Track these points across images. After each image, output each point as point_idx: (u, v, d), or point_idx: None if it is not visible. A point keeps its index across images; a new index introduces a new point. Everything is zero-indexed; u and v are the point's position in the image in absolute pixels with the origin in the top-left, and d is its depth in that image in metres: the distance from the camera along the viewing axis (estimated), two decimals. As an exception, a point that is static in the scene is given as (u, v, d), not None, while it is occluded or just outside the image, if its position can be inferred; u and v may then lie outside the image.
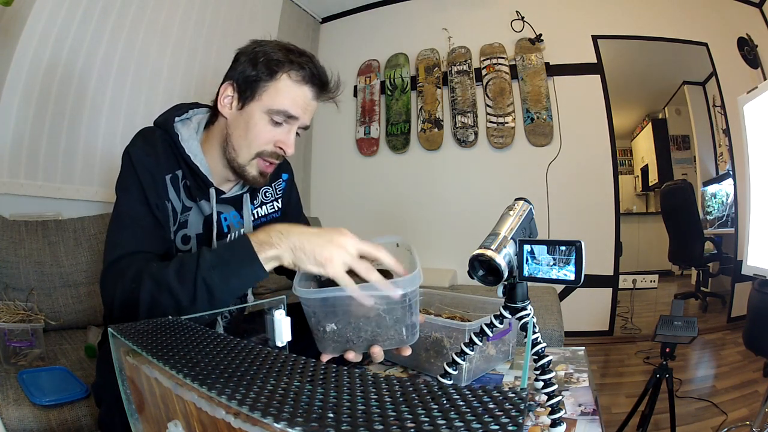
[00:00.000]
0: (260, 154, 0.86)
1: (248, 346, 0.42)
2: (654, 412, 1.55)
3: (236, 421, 0.31)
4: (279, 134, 0.85)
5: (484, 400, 0.29)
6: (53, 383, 1.18)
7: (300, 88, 0.83)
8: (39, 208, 1.75)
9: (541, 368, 0.68)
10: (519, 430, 0.25)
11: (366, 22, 3.47)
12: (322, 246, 0.66)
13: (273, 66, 0.82)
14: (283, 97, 0.82)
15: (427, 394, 0.31)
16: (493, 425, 0.25)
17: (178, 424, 0.39)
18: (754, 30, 2.83)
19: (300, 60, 0.83)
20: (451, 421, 0.26)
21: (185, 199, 0.88)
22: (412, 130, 3.24)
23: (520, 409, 0.28)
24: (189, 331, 0.47)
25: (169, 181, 0.84)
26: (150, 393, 0.42)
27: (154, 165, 0.83)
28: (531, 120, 2.95)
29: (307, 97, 0.85)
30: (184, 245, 0.89)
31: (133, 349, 0.42)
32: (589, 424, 0.70)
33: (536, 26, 2.97)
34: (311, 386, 0.33)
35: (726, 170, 3.18)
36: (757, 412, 1.59)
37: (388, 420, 0.26)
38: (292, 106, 0.83)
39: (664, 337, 1.53)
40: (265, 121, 0.83)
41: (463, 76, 3.10)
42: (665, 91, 4.06)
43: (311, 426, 0.26)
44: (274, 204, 1.04)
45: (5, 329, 1.30)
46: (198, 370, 0.36)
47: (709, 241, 3.35)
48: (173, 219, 0.86)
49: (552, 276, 0.61)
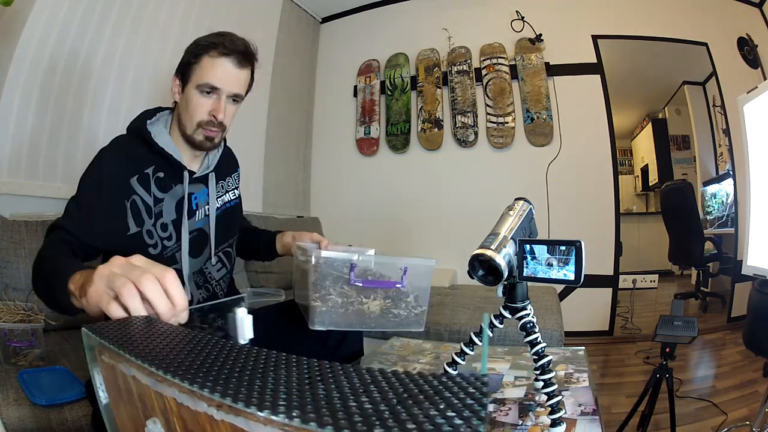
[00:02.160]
0: (200, 123, 1.02)
1: (221, 342, 0.43)
2: (654, 412, 1.55)
3: (219, 413, 0.31)
4: (211, 104, 1.01)
5: (445, 395, 0.30)
6: (53, 383, 1.18)
7: (219, 61, 0.98)
8: (39, 208, 1.75)
9: (541, 368, 0.68)
10: (483, 423, 0.25)
11: (366, 22, 3.47)
12: None
13: (197, 51, 0.99)
14: (206, 73, 0.98)
15: (397, 383, 0.32)
16: (456, 420, 0.26)
17: (156, 421, 0.39)
18: (754, 30, 2.83)
19: (217, 39, 0.98)
20: (416, 416, 0.27)
21: (157, 192, 1.01)
22: (412, 130, 3.24)
23: (483, 403, 0.28)
24: (163, 329, 0.47)
25: (136, 182, 0.97)
26: (126, 392, 0.42)
27: (121, 168, 0.96)
28: (531, 120, 2.95)
29: (227, 68, 0.99)
30: (164, 232, 1.02)
31: (109, 347, 0.42)
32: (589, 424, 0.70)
33: (536, 26, 2.97)
34: (286, 377, 0.34)
35: (726, 170, 3.18)
36: (757, 412, 1.59)
37: (367, 412, 0.28)
38: (214, 78, 0.98)
39: (664, 337, 1.53)
40: (198, 95, 1.00)
41: (463, 76, 3.10)
42: (665, 91, 4.06)
43: (293, 413, 0.27)
44: (234, 191, 1.20)
45: (5, 329, 1.30)
46: (177, 365, 0.36)
47: (709, 241, 3.35)
48: (147, 213, 0.99)
49: (552, 276, 0.61)
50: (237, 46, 0.99)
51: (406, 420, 0.26)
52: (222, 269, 1.15)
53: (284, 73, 3.14)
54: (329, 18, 3.59)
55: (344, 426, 0.25)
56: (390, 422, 0.26)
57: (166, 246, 1.02)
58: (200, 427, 0.34)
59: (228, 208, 1.16)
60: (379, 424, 0.26)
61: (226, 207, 1.16)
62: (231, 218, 1.17)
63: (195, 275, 1.09)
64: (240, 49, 0.99)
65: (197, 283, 1.09)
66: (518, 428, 0.70)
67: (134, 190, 0.97)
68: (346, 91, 3.45)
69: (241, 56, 0.99)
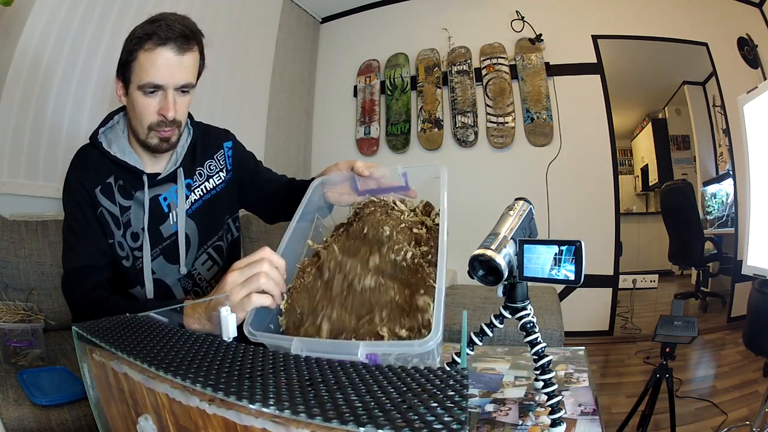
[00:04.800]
0: (150, 126, 0.91)
1: (209, 339, 0.44)
2: (654, 412, 1.55)
3: (211, 407, 0.32)
4: (157, 103, 0.89)
5: (428, 387, 0.31)
6: (53, 383, 1.19)
7: (156, 54, 0.85)
8: (39, 208, 1.75)
9: (541, 368, 0.68)
10: (464, 423, 0.26)
11: (366, 22, 3.47)
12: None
13: (132, 47, 0.87)
14: (145, 71, 0.86)
15: (382, 378, 0.33)
16: (439, 410, 0.27)
17: (148, 418, 0.39)
18: (754, 30, 2.83)
19: (151, 28, 0.85)
20: (404, 413, 0.27)
21: (122, 201, 0.94)
22: (412, 130, 3.24)
23: (463, 394, 0.29)
24: (152, 327, 0.48)
25: (99, 193, 0.92)
26: (117, 390, 0.43)
27: (84, 181, 0.92)
28: (531, 120, 2.95)
29: (167, 60, 0.86)
30: (135, 242, 0.95)
31: (100, 345, 0.42)
32: (589, 424, 0.70)
33: (536, 26, 2.97)
34: (274, 372, 0.35)
35: (726, 170, 3.17)
36: (757, 412, 1.59)
37: (354, 402, 0.29)
38: (155, 75, 0.86)
39: (664, 337, 1.53)
40: (142, 96, 0.88)
41: (463, 76, 3.10)
42: (665, 91, 4.06)
43: (283, 404, 0.28)
44: (220, 174, 1.06)
45: (5, 329, 1.30)
46: (168, 361, 0.37)
47: (709, 241, 3.35)
48: (115, 223, 0.93)
49: (552, 276, 0.61)
50: (173, 30, 0.85)
51: (391, 410, 0.27)
52: (213, 267, 1.06)
53: (284, 73, 3.14)
54: (329, 18, 3.59)
55: (332, 416, 0.26)
56: (376, 412, 0.27)
57: (137, 257, 0.95)
58: (192, 421, 0.34)
59: (213, 196, 1.04)
60: (365, 414, 0.26)
61: (210, 195, 1.04)
62: (218, 207, 1.06)
63: (182, 280, 1.01)
64: (178, 33, 0.86)
65: (185, 288, 1.02)
66: (518, 428, 0.70)
67: (100, 201, 0.92)
68: (346, 91, 3.45)
69: (181, 41, 0.86)
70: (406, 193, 0.86)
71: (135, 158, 0.96)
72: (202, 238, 1.03)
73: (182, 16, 0.89)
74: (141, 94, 0.88)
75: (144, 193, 0.95)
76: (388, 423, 0.25)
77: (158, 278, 0.98)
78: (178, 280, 1.01)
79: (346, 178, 0.90)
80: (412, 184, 0.85)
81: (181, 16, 0.89)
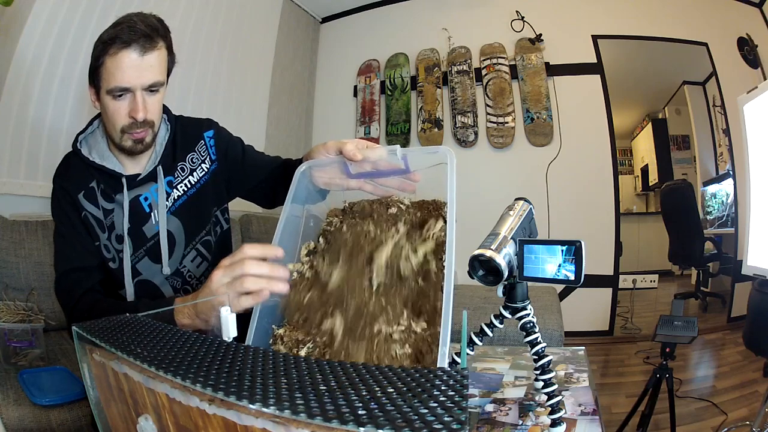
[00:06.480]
0: (123, 129, 0.91)
1: (209, 339, 0.44)
2: (654, 412, 1.56)
3: (211, 407, 0.32)
4: (127, 106, 0.90)
5: (427, 387, 0.31)
6: (53, 383, 1.19)
7: (120, 57, 0.85)
8: (39, 208, 1.75)
9: (541, 368, 0.68)
10: (464, 423, 0.26)
11: (366, 22, 3.47)
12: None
13: (98, 53, 0.87)
14: (111, 75, 0.86)
15: (381, 378, 0.33)
16: (439, 410, 0.27)
17: (148, 418, 0.39)
18: (754, 30, 2.83)
19: (114, 32, 0.85)
20: (405, 414, 0.27)
21: (105, 204, 0.96)
22: (412, 130, 3.24)
23: (463, 394, 0.29)
24: (151, 327, 0.48)
25: (83, 198, 0.95)
26: (117, 390, 0.43)
27: (67, 187, 0.95)
28: (531, 120, 2.95)
29: (132, 62, 0.86)
30: (119, 244, 0.96)
31: (100, 345, 0.42)
32: (589, 424, 0.70)
33: (536, 26, 2.97)
34: (274, 372, 0.35)
35: (726, 170, 3.18)
36: (757, 412, 1.59)
37: (354, 403, 0.29)
38: (121, 78, 0.86)
39: (664, 337, 1.53)
40: (111, 101, 0.89)
41: (463, 76, 3.10)
42: (665, 91, 4.06)
43: (283, 404, 0.28)
44: (203, 166, 1.05)
45: (5, 329, 1.30)
46: (168, 361, 0.37)
47: (709, 241, 3.35)
48: (99, 227, 0.95)
49: (552, 276, 0.61)
50: (136, 31, 0.84)
51: (391, 410, 0.27)
52: (202, 263, 1.04)
53: (284, 73, 3.14)
54: (329, 18, 3.59)
55: (332, 416, 0.26)
56: (376, 412, 0.27)
57: (122, 259, 0.96)
58: (192, 421, 0.34)
59: (198, 189, 1.03)
60: (365, 414, 0.26)
61: (195, 189, 1.03)
62: (205, 200, 1.04)
63: (171, 279, 1.00)
64: (141, 34, 0.85)
65: (174, 286, 1.01)
66: (518, 428, 0.70)
67: (83, 206, 0.94)
68: (346, 91, 3.45)
69: (143, 41, 0.85)
70: (407, 177, 0.80)
71: (114, 161, 0.97)
72: (189, 235, 1.02)
73: (146, 15, 0.88)
74: (110, 98, 0.88)
75: (124, 196, 0.96)
76: (388, 423, 0.25)
77: (146, 279, 0.98)
78: (166, 279, 1.00)
79: (335, 161, 0.83)
80: (413, 168, 0.78)
81: (145, 15, 0.88)
